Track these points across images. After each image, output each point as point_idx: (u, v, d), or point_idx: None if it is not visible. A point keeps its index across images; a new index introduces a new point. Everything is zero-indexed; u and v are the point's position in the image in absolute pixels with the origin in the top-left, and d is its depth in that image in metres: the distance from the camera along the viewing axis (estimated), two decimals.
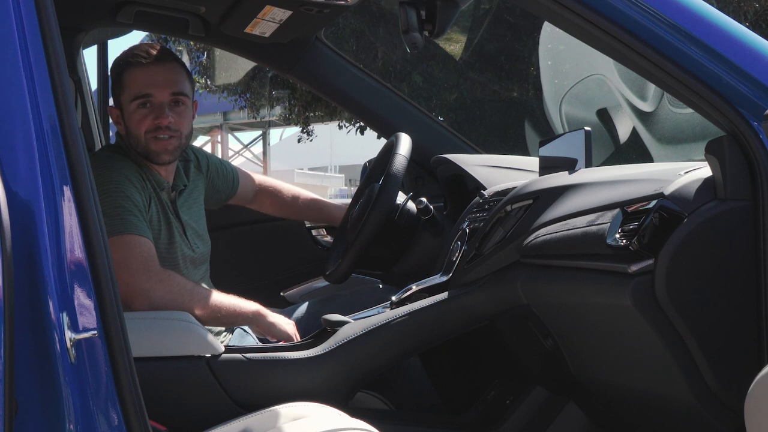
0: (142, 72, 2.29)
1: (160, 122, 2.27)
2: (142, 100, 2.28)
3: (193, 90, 2.39)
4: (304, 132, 13.59)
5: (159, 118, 2.28)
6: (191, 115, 2.38)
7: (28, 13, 1.40)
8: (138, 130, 2.29)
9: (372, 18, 10.59)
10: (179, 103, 2.31)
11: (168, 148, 2.30)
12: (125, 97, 2.31)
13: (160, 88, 2.29)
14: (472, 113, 10.77)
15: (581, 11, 1.67)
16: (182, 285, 2.20)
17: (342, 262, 2.57)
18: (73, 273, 1.37)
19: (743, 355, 1.61)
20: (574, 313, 1.93)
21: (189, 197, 2.45)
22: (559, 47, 8.99)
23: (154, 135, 2.28)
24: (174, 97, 2.30)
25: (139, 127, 2.28)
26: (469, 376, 2.59)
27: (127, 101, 2.30)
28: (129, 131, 2.31)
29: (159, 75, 2.29)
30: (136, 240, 2.16)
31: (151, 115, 2.28)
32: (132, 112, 2.29)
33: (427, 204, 2.65)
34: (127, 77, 2.30)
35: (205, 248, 2.46)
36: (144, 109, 2.28)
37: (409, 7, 1.88)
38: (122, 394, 1.39)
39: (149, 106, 2.28)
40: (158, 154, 2.30)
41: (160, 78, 2.29)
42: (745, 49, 1.66)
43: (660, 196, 1.64)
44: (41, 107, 1.38)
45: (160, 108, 2.28)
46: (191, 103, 2.37)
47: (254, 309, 2.27)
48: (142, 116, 2.28)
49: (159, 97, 2.28)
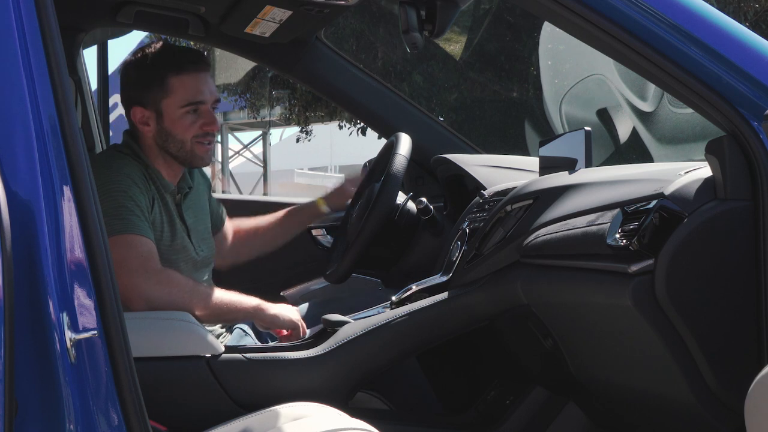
0: (193, 79, 2.32)
1: (211, 128, 2.34)
2: (193, 107, 2.32)
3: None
4: (304, 132, 13.59)
5: (210, 125, 2.34)
6: None
7: (28, 13, 1.40)
8: (186, 135, 2.32)
9: (372, 18, 10.59)
10: (215, 108, 2.39)
11: (210, 153, 2.38)
12: (171, 102, 2.31)
13: (210, 95, 2.35)
14: (472, 113, 10.77)
15: (581, 11, 1.67)
16: (181, 285, 2.20)
17: (342, 262, 2.57)
18: (73, 273, 1.37)
19: (743, 355, 1.61)
20: (574, 313, 1.93)
21: (194, 200, 2.45)
22: (559, 47, 8.99)
23: (200, 140, 2.33)
24: (215, 103, 2.37)
25: (187, 133, 2.32)
26: (468, 376, 2.59)
27: (174, 106, 2.31)
28: (172, 135, 2.32)
29: (208, 81, 2.36)
30: (136, 240, 2.16)
31: (199, 120, 2.32)
32: (179, 117, 2.31)
33: (427, 204, 2.65)
34: (175, 82, 2.31)
35: (209, 252, 2.45)
36: (194, 115, 2.32)
37: (409, 7, 1.88)
38: (122, 394, 1.39)
39: (198, 112, 2.32)
40: (202, 159, 2.36)
41: (210, 84, 2.36)
42: (745, 49, 1.66)
43: (660, 196, 1.64)
44: (41, 107, 1.38)
45: (210, 114, 2.34)
46: None
47: (255, 304, 2.27)
48: (191, 122, 2.32)
49: (209, 103, 2.35)
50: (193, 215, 2.41)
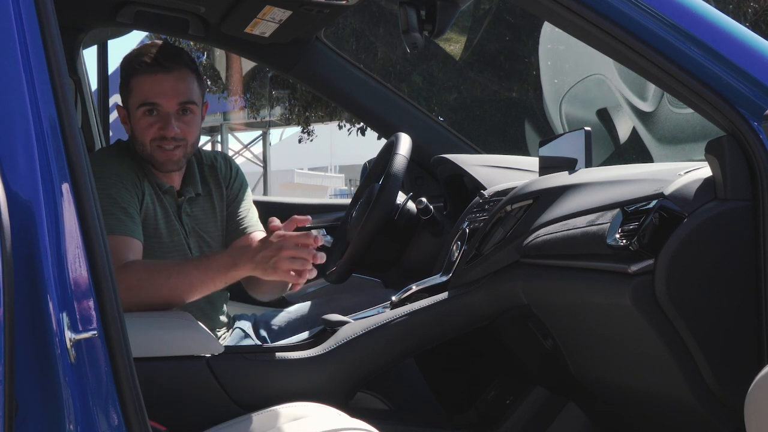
0: (149, 80, 2.24)
1: (166, 133, 2.23)
2: (148, 108, 2.24)
3: (203, 93, 2.34)
4: (304, 132, 13.61)
5: (165, 128, 2.23)
6: (199, 122, 2.32)
7: (28, 13, 1.40)
8: (143, 137, 2.25)
9: (372, 18, 10.60)
10: (187, 111, 2.26)
11: (173, 159, 2.26)
12: (132, 102, 2.26)
13: (167, 98, 2.23)
14: (472, 113, 10.78)
15: (581, 11, 1.67)
16: (139, 276, 2.05)
17: (342, 262, 2.57)
18: (73, 273, 1.36)
19: (743, 355, 1.61)
20: (574, 313, 1.93)
21: (202, 206, 2.39)
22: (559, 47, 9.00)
23: (159, 144, 2.24)
24: (181, 106, 2.25)
25: (145, 135, 2.25)
26: (468, 376, 2.59)
27: (133, 107, 2.26)
28: (135, 136, 2.28)
29: (166, 84, 2.24)
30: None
31: (157, 123, 2.24)
32: (138, 118, 2.25)
33: (427, 204, 2.65)
34: (133, 82, 2.26)
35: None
36: (150, 116, 2.24)
37: (409, 7, 1.88)
38: (122, 394, 1.39)
39: (156, 114, 2.24)
40: (163, 164, 2.26)
41: (167, 87, 2.24)
42: (745, 49, 1.66)
43: (660, 196, 1.64)
44: (41, 107, 1.38)
45: (167, 118, 2.24)
46: (200, 109, 2.31)
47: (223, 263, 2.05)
48: (148, 124, 2.24)
49: (166, 107, 2.24)
50: (196, 220, 2.37)
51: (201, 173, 2.41)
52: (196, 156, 2.42)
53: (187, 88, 2.26)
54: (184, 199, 2.34)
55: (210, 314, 2.38)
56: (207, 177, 2.43)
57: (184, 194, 2.35)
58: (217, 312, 2.42)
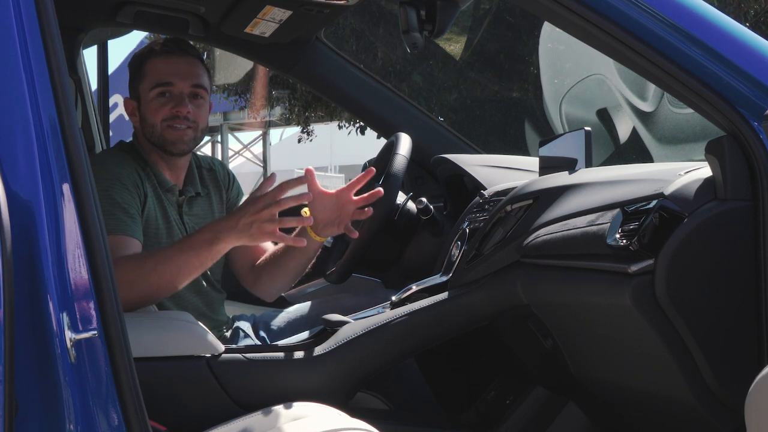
0: (164, 61, 2.31)
1: (179, 111, 2.28)
2: (162, 89, 2.29)
3: (210, 88, 2.40)
4: (304, 132, 13.60)
5: (178, 107, 2.28)
6: (207, 112, 2.37)
7: (28, 13, 1.40)
8: (155, 118, 2.28)
9: (372, 18, 10.59)
10: (198, 96, 2.32)
11: (184, 138, 2.30)
12: (144, 86, 2.31)
13: (181, 77, 2.29)
14: (472, 113, 10.78)
15: (581, 11, 1.67)
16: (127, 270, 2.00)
17: (342, 262, 2.57)
18: (73, 273, 1.37)
19: (743, 355, 1.61)
20: (574, 313, 1.93)
21: (201, 206, 2.41)
22: (559, 47, 9.00)
23: (171, 124, 2.28)
24: (194, 89, 2.31)
25: (156, 116, 2.28)
26: (468, 376, 2.59)
27: (146, 89, 2.30)
28: (145, 120, 2.31)
29: (181, 65, 2.31)
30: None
31: (170, 103, 2.29)
32: (150, 100, 2.29)
33: (427, 204, 2.65)
34: (149, 66, 2.31)
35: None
36: (163, 98, 2.29)
37: (409, 7, 1.88)
38: (122, 394, 1.39)
39: (168, 95, 2.29)
40: (173, 143, 2.29)
41: (182, 68, 2.30)
42: (745, 49, 1.66)
43: (660, 196, 1.64)
44: (41, 107, 1.38)
45: (180, 97, 2.29)
46: (208, 101, 2.37)
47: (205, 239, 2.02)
48: (160, 104, 2.29)
49: (180, 86, 2.29)
50: (196, 220, 2.38)
51: (200, 175, 2.45)
52: (195, 158, 2.45)
53: (198, 73, 2.33)
54: (184, 198, 2.36)
55: (209, 315, 2.38)
56: (206, 179, 2.46)
57: (185, 193, 2.37)
58: (216, 312, 2.43)
